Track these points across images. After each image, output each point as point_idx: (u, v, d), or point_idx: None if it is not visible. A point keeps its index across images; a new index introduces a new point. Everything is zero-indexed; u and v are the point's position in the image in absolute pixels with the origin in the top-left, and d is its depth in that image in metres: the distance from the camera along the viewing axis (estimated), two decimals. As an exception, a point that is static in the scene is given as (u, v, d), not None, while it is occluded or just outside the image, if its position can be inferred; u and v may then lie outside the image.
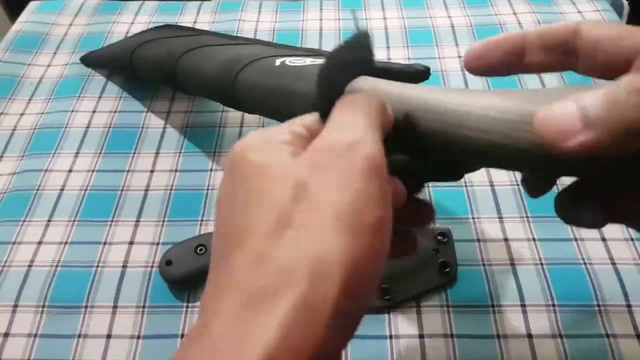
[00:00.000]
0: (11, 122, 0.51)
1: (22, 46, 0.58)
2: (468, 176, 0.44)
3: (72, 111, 0.51)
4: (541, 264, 0.38)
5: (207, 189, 0.44)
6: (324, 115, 0.22)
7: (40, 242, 0.41)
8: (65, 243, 0.41)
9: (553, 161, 0.19)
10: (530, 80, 0.51)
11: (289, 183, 0.19)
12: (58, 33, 0.61)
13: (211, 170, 0.45)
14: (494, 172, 0.44)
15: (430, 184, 0.43)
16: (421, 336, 0.35)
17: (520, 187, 0.35)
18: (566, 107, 0.18)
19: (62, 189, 0.44)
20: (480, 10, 0.60)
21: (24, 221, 0.42)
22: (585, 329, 0.34)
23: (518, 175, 0.43)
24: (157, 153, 0.47)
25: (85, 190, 0.44)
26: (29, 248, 0.41)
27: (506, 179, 0.43)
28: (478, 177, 0.43)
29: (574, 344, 0.34)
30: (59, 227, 0.42)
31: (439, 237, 0.38)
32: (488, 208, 0.41)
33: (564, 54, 0.22)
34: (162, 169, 0.46)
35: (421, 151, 0.23)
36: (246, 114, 0.49)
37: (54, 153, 0.47)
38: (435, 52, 0.55)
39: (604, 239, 0.39)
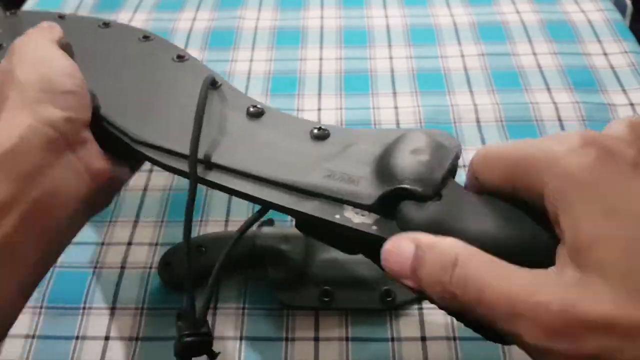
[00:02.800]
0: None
1: (20, 43, 0.57)
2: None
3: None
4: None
5: (207, 190, 0.43)
6: None
7: (37, 242, 0.40)
8: (63, 243, 0.40)
9: None
10: (534, 80, 0.51)
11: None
12: (56, 29, 0.60)
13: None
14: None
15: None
16: (423, 339, 0.34)
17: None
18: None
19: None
20: (483, 9, 0.59)
21: (21, 221, 0.42)
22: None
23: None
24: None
25: (84, 189, 0.44)
26: (26, 248, 0.40)
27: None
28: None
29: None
30: (56, 226, 0.41)
31: None
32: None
33: None
34: (160, 169, 0.45)
35: None
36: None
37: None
38: (438, 51, 0.55)
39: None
